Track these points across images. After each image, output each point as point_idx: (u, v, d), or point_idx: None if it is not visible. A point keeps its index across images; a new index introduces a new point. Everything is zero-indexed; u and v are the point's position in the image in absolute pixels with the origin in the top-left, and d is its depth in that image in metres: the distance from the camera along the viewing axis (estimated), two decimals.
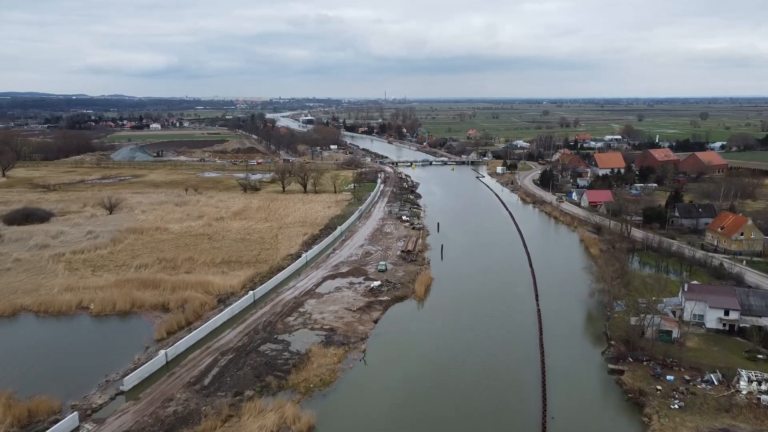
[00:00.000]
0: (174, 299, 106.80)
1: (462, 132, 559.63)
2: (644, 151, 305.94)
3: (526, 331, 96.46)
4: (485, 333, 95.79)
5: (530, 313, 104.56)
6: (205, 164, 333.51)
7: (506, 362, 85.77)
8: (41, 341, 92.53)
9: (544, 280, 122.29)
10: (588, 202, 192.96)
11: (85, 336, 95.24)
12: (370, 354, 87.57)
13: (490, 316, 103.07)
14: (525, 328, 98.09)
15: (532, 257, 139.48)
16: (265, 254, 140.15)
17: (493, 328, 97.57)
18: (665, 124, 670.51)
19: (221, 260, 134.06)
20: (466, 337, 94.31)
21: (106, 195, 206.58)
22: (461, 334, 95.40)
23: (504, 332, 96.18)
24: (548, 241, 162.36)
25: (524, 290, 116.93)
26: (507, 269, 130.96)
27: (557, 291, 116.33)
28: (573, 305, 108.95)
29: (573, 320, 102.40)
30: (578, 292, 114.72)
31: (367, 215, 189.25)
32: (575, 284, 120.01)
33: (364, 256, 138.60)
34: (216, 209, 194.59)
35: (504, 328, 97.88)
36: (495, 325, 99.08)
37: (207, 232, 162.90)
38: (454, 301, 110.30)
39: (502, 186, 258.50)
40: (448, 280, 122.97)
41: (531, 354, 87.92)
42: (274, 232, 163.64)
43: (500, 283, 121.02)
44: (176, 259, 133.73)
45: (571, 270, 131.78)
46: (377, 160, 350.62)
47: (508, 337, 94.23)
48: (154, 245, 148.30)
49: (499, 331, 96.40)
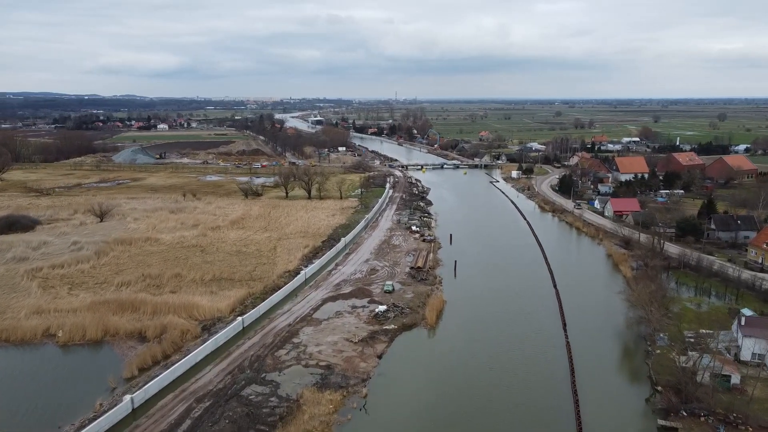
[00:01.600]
0: (153, 326, 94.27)
1: (474, 133, 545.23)
2: (668, 155, 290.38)
3: (554, 371, 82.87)
4: (507, 373, 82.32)
5: (558, 346, 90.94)
6: (208, 167, 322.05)
7: (534, 413, 72.24)
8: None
9: (571, 304, 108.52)
10: (613, 212, 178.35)
11: (46, 371, 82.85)
12: (373, 400, 74.42)
13: (511, 350, 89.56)
14: (553, 366, 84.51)
15: (556, 275, 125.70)
16: (261, 270, 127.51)
17: (516, 367, 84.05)
18: (682, 126, 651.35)
19: (211, 277, 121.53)
20: (485, 378, 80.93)
21: (98, 201, 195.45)
22: (479, 374, 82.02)
23: (529, 372, 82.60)
24: (572, 256, 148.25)
25: (549, 317, 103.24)
26: (528, 291, 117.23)
27: (587, 318, 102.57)
28: (606, 337, 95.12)
29: (608, 356, 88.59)
30: (611, 321, 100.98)
31: (373, 225, 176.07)
32: (607, 310, 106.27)
33: (369, 274, 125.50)
34: (213, 217, 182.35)
35: (529, 367, 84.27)
36: (518, 363, 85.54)
37: (200, 243, 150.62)
38: (469, 332, 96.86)
39: (517, 192, 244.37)
40: (462, 303, 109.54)
41: (563, 403, 74.27)
42: (272, 243, 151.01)
43: (522, 308, 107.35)
44: (162, 275, 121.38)
45: (600, 292, 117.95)
46: (386, 163, 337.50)
47: (535, 380, 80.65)
48: (141, 258, 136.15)
49: (524, 371, 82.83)
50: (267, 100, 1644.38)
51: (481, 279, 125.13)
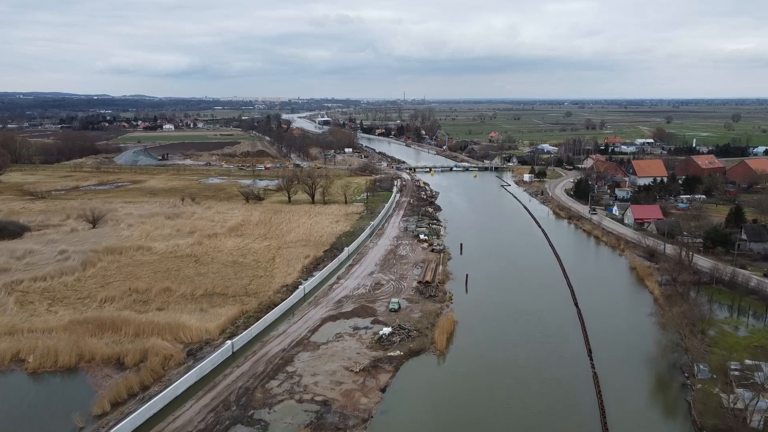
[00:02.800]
0: (133, 350, 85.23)
1: (483, 134, 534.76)
2: (686, 158, 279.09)
3: (581, 407, 73.02)
4: (526, 410, 72.56)
5: (584, 377, 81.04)
6: (211, 169, 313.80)
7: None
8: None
9: (596, 326, 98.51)
10: (634, 220, 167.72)
11: (8, 406, 73.92)
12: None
13: (530, 381, 79.75)
14: (579, 400, 74.65)
15: (577, 291, 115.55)
16: (257, 284, 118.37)
17: (536, 402, 74.26)
18: (696, 127, 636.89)
19: (203, 292, 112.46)
20: (500, 416, 71.26)
21: (91, 206, 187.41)
22: (495, 411, 72.34)
23: (551, 409, 72.78)
24: (592, 269, 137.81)
25: (572, 341, 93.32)
26: (547, 309, 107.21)
27: (614, 343, 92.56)
28: (638, 366, 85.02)
29: (642, 390, 78.51)
30: (642, 346, 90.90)
31: (379, 232, 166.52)
32: (636, 333, 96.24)
33: (373, 288, 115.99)
34: (211, 223, 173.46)
35: (551, 402, 74.42)
36: (538, 397, 75.74)
37: (195, 252, 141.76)
38: (483, 358, 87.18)
39: (530, 196, 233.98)
40: (475, 323, 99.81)
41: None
42: (271, 253, 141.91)
43: (540, 330, 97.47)
44: (150, 290, 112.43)
45: (626, 311, 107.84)
46: (393, 165, 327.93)
47: (559, 419, 70.83)
48: (130, 270, 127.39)
49: (545, 408, 73.01)
50: (275, 100, 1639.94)
51: (494, 295, 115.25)
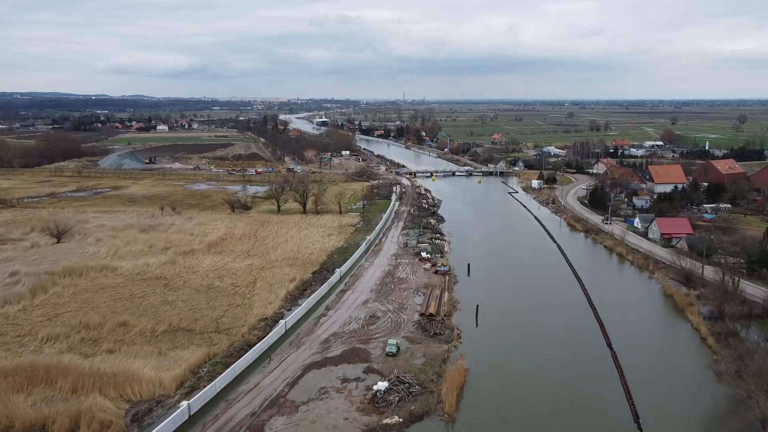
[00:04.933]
0: (64, 414, 67.85)
1: (485, 136, 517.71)
2: (705, 163, 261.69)
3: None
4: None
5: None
6: (198, 173, 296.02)
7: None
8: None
9: (637, 375, 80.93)
10: (660, 235, 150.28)
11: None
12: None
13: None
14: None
15: (607, 326, 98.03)
16: (232, 316, 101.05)
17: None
18: (703, 128, 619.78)
19: (166, 327, 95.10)
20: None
21: (63, 216, 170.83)
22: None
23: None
24: (621, 296, 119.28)
25: (611, 398, 75.84)
26: (575, 352, 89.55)
27: (662, 400, 75.09)
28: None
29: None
30: (697, 405, 73.65)
31: (376, 249, 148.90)
32: (686, 385, 78.91)
33: (367, 323, 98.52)
34: (189, 237, 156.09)
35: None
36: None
37: (166, 273, 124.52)
38: (501, 424, 69.85)
39: (539, 204, 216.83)
40: (490, 373, 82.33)
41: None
42: (253, 275, 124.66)
43: (571, 381, 79.95)
44: (104, 325, 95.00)
45: (669, 354, 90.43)
46: (392, 169, 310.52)
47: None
48: (87, 297, 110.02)
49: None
50: (274, 100, 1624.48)
51: (510, 332, 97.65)
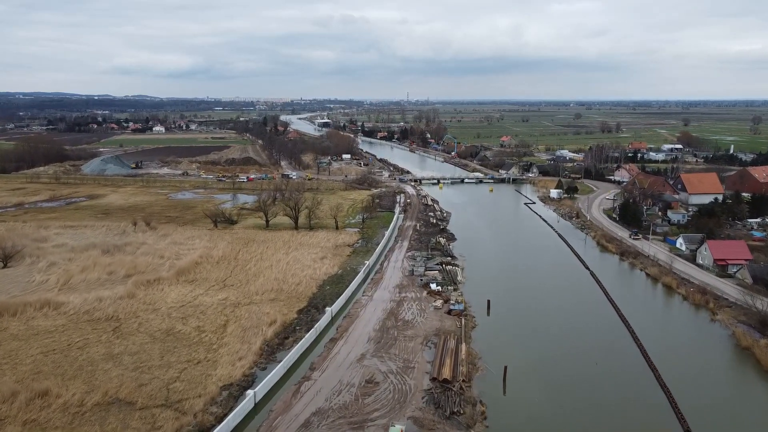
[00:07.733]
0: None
1: (493, 138, 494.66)
2: (741, 171, 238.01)
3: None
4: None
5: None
6: (186, 180, 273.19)
7: None
8: None
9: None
10: (713, 261, 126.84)
11: None
12: None
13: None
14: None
15: (674, 393, 74.91)
16: (188, 378, 78.37)
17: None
18: (718, 130, 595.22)
19: (99, 399, 72.40)
20: None
21: (16, 234, 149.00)
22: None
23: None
24: (681, 347, 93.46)
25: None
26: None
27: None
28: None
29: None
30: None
31: (377, 277, 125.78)
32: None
33: (362, 393, 75.48)
34: (159, 261, 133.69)
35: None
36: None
37: (119, 312, 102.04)
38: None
39: (559, 216, 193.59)
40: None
41: None
42: (225, 314, 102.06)
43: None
44: (17, 396, 72.38)
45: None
46: (396, 175, 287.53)
47: None
48: (12, 348, 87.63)
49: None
50: (278, 100, 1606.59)
51: (549, 407, 74.33)
